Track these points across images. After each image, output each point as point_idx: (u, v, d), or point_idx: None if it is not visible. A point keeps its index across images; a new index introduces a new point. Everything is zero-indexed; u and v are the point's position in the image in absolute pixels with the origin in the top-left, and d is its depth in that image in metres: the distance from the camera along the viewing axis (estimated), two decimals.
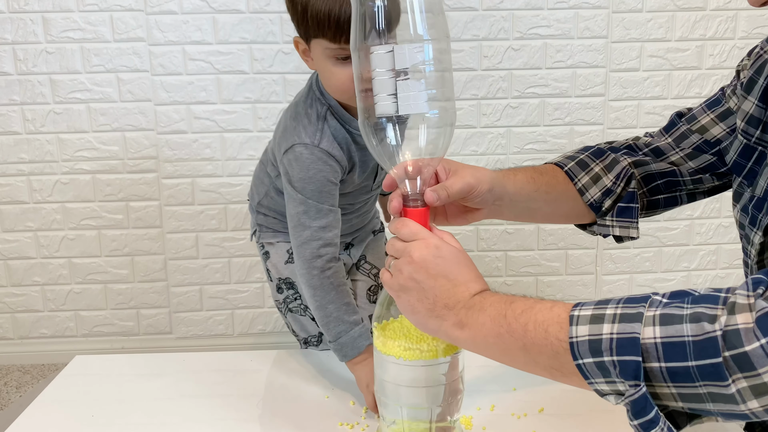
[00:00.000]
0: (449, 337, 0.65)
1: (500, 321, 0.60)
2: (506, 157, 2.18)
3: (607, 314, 0.55)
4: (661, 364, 0.52)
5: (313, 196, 0.95)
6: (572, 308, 0.57)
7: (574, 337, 0.55)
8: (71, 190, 2.13)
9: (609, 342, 0.53)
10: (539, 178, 0.89)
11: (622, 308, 0.54)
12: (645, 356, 0.52)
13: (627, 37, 2.12)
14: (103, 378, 1.00)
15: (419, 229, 0.68)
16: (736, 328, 0.48)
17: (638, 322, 0.53)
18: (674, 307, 0.53)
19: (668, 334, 0.51)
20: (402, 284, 0.67)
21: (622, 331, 0.53)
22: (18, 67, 2.04)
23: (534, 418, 0.88)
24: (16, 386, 2.09)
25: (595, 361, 0.54)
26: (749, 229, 0.77)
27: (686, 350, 0.50)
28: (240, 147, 2.12)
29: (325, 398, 0.94)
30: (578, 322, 0.56)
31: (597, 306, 0.56)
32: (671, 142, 0.91)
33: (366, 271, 1.20)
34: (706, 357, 0.49)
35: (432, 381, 0.74)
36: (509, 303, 0.61)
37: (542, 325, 0.58)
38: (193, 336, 2.25)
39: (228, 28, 2.05)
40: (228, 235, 2.18)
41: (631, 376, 0.52)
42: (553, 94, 2.14)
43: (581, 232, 0.98)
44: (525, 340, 0.58)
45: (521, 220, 0.93)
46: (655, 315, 0.53)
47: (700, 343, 0.50)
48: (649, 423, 0.53)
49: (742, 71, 0.85)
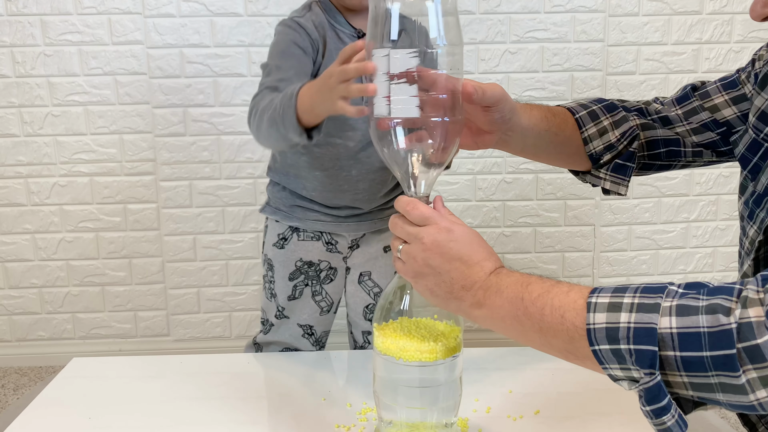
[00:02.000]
0: (469, 315, 0.67)
1: (517, 304, 0.62)
2: (503, 159, 2.18)
3: (625, 303, 0.56)
4: (676, 353, 0.53)
5: (275, 57, 0.98)
6: (589, 294, 0.58)
7: (591, 324, 0.56)
8: (69, 193, 2.13)
9: (626, 331, 0.54)
10: (552, 119, 0.91)
11: (640, 298, 0.56)
12: (660, 345, 0.53)
13: (623, 41, 2.13)
14: (101, 380, 1.00)
15: (430, 213, 0.68)
16: (749, 321, 0.50)
17: (656, 313, 0.54)
18: (690, 298, 0.54)
19: (684, 324, 0.53)
20: (417, 270, 0.67)
21: (639, 320, 0.54)
22: (16, 69, 2.04)
23: (530, 420, 0.88)
24: (14, 388, 2.08)
25: (612, 348, 0.55)
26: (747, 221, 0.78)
27: (701, 341, 0.52)
28: (237, 150, 2.12)
29: (321, 400, 0.94)
30: (596, 309, 0.57)
31: (614, 294, 0.57)
32: (681, 114, 0.92)
33: (368, 288, 1.18)
34: (721, 348, 0.51)
35: (431, 382, 0.74)
36: (525, 285, 0.62)
37: (559, 310, 0.59)
38: (191, 338, 2.25)
39: (226, 31, 2.05)
40: (226, 238, 2.18)
41: (647, 364, 0.54)
42: (551, 98, 2.15)
43: (580, 182, 0.99)
44: (542, 324, 0.60)
45: (523, 155, 0.93)
46: (672, 306, 0.54)
47: (716, 335, 0.51)
48: (661, 410, 0.54)
49: (757, 60, 0.85)
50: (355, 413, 0.90)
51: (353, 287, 1.19)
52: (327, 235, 1.14)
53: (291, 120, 0.85)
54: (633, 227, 2.26)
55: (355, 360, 1.12)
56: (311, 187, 1.10)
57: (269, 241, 1.17)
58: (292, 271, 1.15)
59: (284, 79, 0.96)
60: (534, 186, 2.21)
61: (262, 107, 0.92)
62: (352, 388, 0.95)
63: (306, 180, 1.10)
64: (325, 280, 1.17)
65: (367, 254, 1.16)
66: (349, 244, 1.16)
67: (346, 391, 0.97)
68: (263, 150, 2.13)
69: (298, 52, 0.98)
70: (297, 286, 1.16)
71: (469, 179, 2.20)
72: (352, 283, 1.19)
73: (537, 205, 2.23)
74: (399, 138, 0.70)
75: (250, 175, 2.15)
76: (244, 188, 2.16)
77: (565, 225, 2.25)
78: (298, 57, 0.98)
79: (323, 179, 1.08)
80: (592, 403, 0.92)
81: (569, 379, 0.99)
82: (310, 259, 1.15)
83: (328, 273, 1.17)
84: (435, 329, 0.75)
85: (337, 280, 1.18)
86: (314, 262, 1.15)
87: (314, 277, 1.16)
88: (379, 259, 1.16)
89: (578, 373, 0.98)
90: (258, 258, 2.20)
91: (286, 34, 0.99)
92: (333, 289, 1.18)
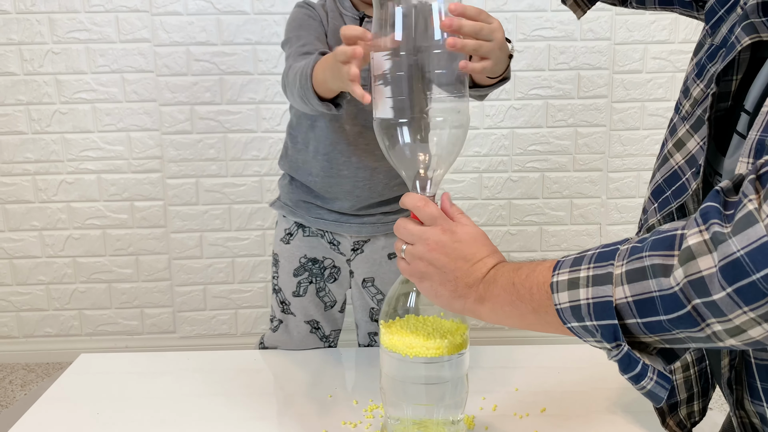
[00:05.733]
0: (474, 313, 0.66)
1: (510, 289, 0.62)
2: (509, 158, 2.18)
3: (581, 277, 0.56)
4: (638, 320, 0.53)
5: (292, 30, 1.04)
6: (552, 272, 0.58)
7: (558, 304, 0.57)
8: (76, 190, 2.14)
9: (587, 308, 0.55)
10: None
11: (594, 269, 0.55)
12: (621, 314, 0.54)
13: (630, 39, 2.12)
14: (108, 376, 1.00)
15: (438, 213, 0.69)
16: (700, 276, 0.48)
17: (609, 284, 0.54)
18: (637, 258, 0.53)
19: (636, 292, 0.52)
20: (423, 271, 0.68)
21: (595, 295, 0.54)
22: (24, 67, 2.05)
23: (536, 418, 0.88)
24: (21, 384, 2.10)
25: (581, 325, 0.56)
26: (692, 81, 0.74)
27: (656, 305, 0.51)
28: (244, 147, 2.13)
29: (328, 397, 0.94)
30: (558, 289, 0.57)
31: (572, 269, 0.57)
32: None
33: (371, 293, 1.18)
34: (674, 310, 0.50)
35: (437, 379, 0.74)
36: (516, 270, 0.62)
37: (544, 286, 0.59)
38: (197, 335, 2.25)
39: (233, 29, 2.05)
40: (232, 235, 2.19)
41: (611, 338, 0.54)
42: (557, 96, 2.14)
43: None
44: (533, 304, 0.59)
45: None
46: (622, 273, 0.53)
47: (665, 298, 0.50)
48: (637, 376, 0.55)
49: None
50: (362, 410, 0.90)
51: (357, 291, 1.19)
52: (329, 234, 1.15)
53: (312, 97, 0.90)
54: None
55: (362, 357, 1.11)
56: (315, 172, 1.11)
57: (277, 235, 1.19)
58: (296, 267, 1.16)
59: (306, 44, 1.00)
60: (540, 184, 2.21)
61: (290, 81, 0.96)
62: (358, 385, 0.95)
63: (311, 165, 1.11)
64: (329, 279, 1.17)
65: (371, 260, 1.16)
66: (352, 246, 1.16)
67: (353, 388, 0.97)
68: (269, 147, 2.13)
69: (314, 23, 1.04)
70: (301, 283, 1.16)
71: (474, 177, 2.20)
72: (356, 287, 1.19)
73: (543, 203, 2.22)
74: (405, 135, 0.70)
75: (256, 173, 2.15)
76: (251, 186, 2.16)
77: (571, 224, 2.24)
78: (315, 26, 1.04)
79: (324, 164, 1.09)
80: (599, 401, 0.92)
81: (575, 377, 0.98)
82: (314, 255, 1.15)
83: (332, 271, 1.17)
84: (441, 326, 0.75)
85: (340, 279, 1.18)
86: (318, 259, 1.16)
87: (318, 274, 1.16)
88: (384, 266, 1.16)
89: (584, 371, 0.99)
90: (264, 255, 2.21)
91: (299, 12, 1.06)
92: (337, 288, 1.18)
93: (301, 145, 1.12)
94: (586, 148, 2.18)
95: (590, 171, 2.18)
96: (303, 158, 1.12)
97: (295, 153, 1.14)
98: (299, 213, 1.14)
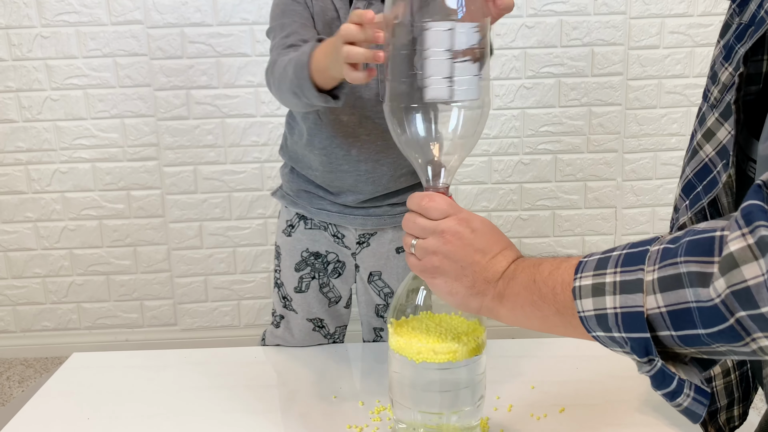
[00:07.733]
0: (492, 312, 0.61)
1: (531, 287, 0.56)
2: (520, 140, 2.10)
3: (608, 283, 0.50)
4: (672, 333, 0.48)
5: (276, 18, 0.98)
6: (574, 276, 0.53)
7: (582, 312, 0.52)
8: (70, 180, 2.07)
9: (614, 318, 0.50)
10: None
11: (621, 273, 0.50)
12: (653, 325, 0.48)
13: (647, 13, 2.03)
14: (106, 371, 0.97)
15: (448, 205, 0.63)
16: (746, 287, 0.42)
17: (639, 292, 0.48)
18: (670, 265, 0.47)
19: (671, 302, 0.47)
20: (436, 266, 0.62)
21: (624, 304, 0.49)
22: (12, 52, 1.98)
23: (554, 418, 0.82)
24: (19, 380, 2.05)
25: (608, 335, 0.51)
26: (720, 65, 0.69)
27: (693, 317, 0.46)
28: (243, 133, 2.05)
29: (332, 398, 0.89)
30: (581, 295, 0.52)
31: (596, 272, 0.51)
32: None
33: (378, 288, 1.12)
34: (714, 324, 0.45)
35: (449, 386, 0.68)
36: (537, 266, 0.57)
37: (569, 286, 0.53)
38: (199, 327, 2.20)
39: (228, 8, 1.98)
40: (232, 224, 2.12)
41: (642, 353, 0.49)
42: (570, 74, 2.06)
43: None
44: (557, 305, 0.54)
45: None
46: (654, 280, 0.48)
47: (706, 310, 0.45)
48: (672, 393, 0.50)
49: None
50: (368, 412, 0.85)
51: (363, 286, 1.13)
52: (333, 227, 1.07)
53: (309, 88, 0.84)
54: (656, 209, 2.18)
55: (368, 353, 1.06)
56: (314, 166, 1.06)
57: (279, 227, 1.13)
58: (297, 262, 1.09)
59: (290, 34, 0.95)
60: (552, 167, 2.13)
61: (278, 75, 0.90)
62: (365, 384, 0.91)
63: (309, 159, 1.05)
64: (333, 274, 1.10)
65: (378, 254, 1.10)
66: (357, 239, 1.09)
67: (359, 388, 0.92)
68: (269, 133, 2.06)
69: (298, 7, 0.97)
70: (303, 279, 1.10)
71: (484, 161, 2.12)
72: (361, 282, 1.13)
73: (556, 186, 2.15)
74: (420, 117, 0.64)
75: (256, 159, 2.08)
76: (251, 173, 2.09)
77: (585, 207, 2.17)
78: (299, 12, 0.97)
79: (322, 158, 1.03)
80: (623, 397, 0.86)
81: (594, 369, 0.93)
82: (317, 249, 1.09)
83: (336, 266, 1.10)
84: (456, 327, 0.68)
85: (345, 274, 1.12)
86: (321, 253, 1.09)
87: (321, 269, 1.10)
88: (391, 260, 1.10)
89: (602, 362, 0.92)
90: (266, 245, 2.14)
91: None
92: (341, 284, 1.12)
93: (297, 137, 1.06)
94: (601, 129, 2.10)
95: (605, 152, 2.11)
96: (302, 152, 1.06)
97: (293, 144, 1.08)
98: (301, 204, 1.09)
